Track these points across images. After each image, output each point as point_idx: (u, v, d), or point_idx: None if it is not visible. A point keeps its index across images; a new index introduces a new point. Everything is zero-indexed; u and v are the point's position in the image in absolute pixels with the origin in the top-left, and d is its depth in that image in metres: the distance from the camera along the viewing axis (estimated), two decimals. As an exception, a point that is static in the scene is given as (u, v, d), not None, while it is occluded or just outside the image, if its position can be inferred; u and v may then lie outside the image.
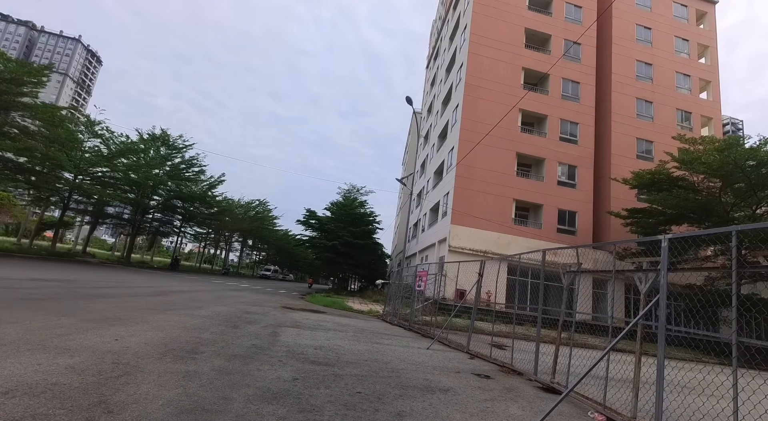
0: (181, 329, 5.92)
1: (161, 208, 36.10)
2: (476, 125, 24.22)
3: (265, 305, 12.85)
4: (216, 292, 15.97)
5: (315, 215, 35.46)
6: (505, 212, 23.58)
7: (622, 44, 27.59)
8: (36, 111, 17.83)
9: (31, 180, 19.70)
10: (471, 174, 23.67)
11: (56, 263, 20.32)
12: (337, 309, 16.77)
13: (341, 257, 32.46)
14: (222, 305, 10.87)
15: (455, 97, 27.11)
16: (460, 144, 23.96)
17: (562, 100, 26.05)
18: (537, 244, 22.71)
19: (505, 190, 23.88)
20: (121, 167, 25.57)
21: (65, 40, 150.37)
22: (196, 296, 12.41)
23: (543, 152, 24.97)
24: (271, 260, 77.78)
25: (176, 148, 34.42)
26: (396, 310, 13.65)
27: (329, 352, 5.67)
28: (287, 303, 15.71)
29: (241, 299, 14.34)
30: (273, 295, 20.17)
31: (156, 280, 18.38)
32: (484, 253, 22.40)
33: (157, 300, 9.63)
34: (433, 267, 15.39)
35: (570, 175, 25.13)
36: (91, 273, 16.50)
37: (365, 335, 8.45)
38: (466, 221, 22.93)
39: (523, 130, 25.37)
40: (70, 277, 12.93)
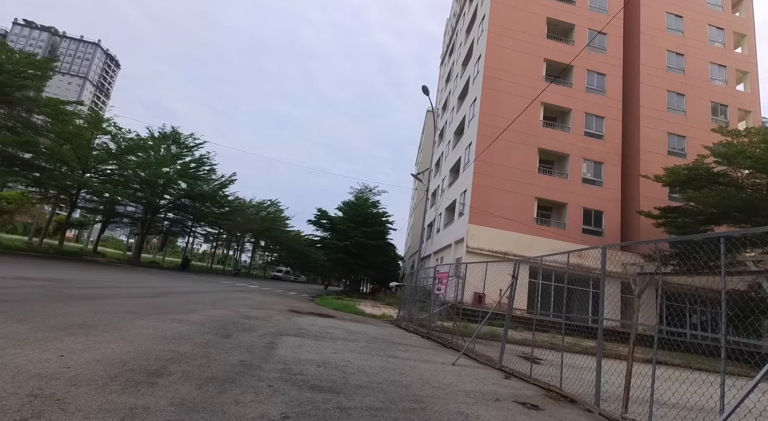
0: (158, 339, 4.91)
1: (172, 207, 35.70)
2: (495, 120, 22.92)
3: (269, 308, 11.86)
4: (220, 293, 15.09)
5: (326, 214, 34.56)
6: (527, 211, 22.20)
7: (652, 34, 25.94)
8: (39, 104, 17.34)
9: (35, 176, 19.27)
10: (490, 171, 22.39)
11: (61, 261, 19.79)
12: (347, 313, 15.71)
13: (353, 258, 31.44)
14: (221, 307, 9.90)
15: (472, 91, 25.86)
16: (479, 139, 22.70)
17: (587, 93, 24.55)
18: (561, 245, 21.27)
19: (527, 188, 22.51)
20: (131, 165, 25.07)
21: (85, 44, 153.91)
22: (196, 298, 11.49)
23: (567, 148, 23.52)
24: (283, 261, 77.35)
25: (187, 147, 33.98)
26: (411, 315, 12.51)
27: (335, 371, 4.57)
28: (295, 306, 14.71)
29: (246, 301, 13.39)
30: (281, 297, 19.24)
31: (160, 280, 17.62)
32: (504, 254, 21.08)
33: (148, 302, 8.70)
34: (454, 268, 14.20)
35: (596, 173, 23.60)
36: (92, 272, 15.81)
37: (378, 345, 7.34)
38: (484, 220, 21.65)
39: (545, 124, 23.97)
40: (65, 276, 12.17)
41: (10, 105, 16.77)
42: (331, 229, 34.82)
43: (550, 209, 24.05)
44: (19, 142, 16.40)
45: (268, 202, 53.52)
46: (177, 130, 32.92)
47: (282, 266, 71.79)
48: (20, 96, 16.73)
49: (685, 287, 20.53)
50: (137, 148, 24.88)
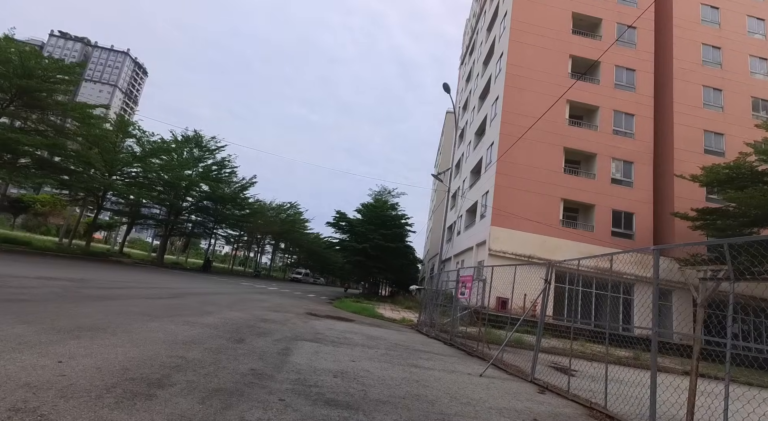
0: (167, 343, 4.64)
1: (194, 209, 36.29)
2: (518, 118, 22.19)
3: (287, 311, 11.61)
4: (239, 295, 14.98)
5: (345, 216, 34.39)
6: (552, 212, 21.35)
7: (685, 26, 24.64)
8: (67, 108, 17.81)
9: (63, 179, 19.82)
10: (513, 171, 21.66)
11: (86, 262, 20.21)
12: (366, 317, 15.34)
13: (371, 260, 31.11)
14: (238, 310, 9.69)
15: (494, 90, 25.18)
16: (501, 139, 22.02)
17: (616, 90, 23.51)
18: (589, 248, 20.32)
19: (552, 189, 21.66)
20: (155, 167, 25.53)
21: (115, 53, 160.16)
22: (214, 299, 11.35)
23: (594, 147, 22.54)
24: (303, 264, 77.83)
25: (208, 150, 34.51)
26: (433, 320, 12.02)
27: (353, 383, 4.19)
28: (313, 309, 14.45)
29: (263, 303, 13.21)
30: (300, 299, 19.06)
31: (181, 281, 17.72)
32: (528, 257, 20.31)
33: (164, 303, 8.56)
34: (477, 272, 13.66)
35: (626, 173, 22.51)
36: (115, 273, 16.00)
37: (399, 352, 6.92)
38: (507, 222, 20.93)
39: (571, 123, 23.06)
40: (88, 276, 12.27)
41: (40, 109, 17.31)
42: (350, 231, 34.62)
43: (577, 211, 23.08)
44: (47, 145, 16.86)
45: (287, 205, 53.93)
46: (199, 133, 33.49)
47: (301, 269, 72.20)
48: (50, 100, 17.22)
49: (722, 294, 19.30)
50: (161, 150, 25.33)
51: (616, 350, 13.93)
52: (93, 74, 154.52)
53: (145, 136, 24.81)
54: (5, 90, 16.03)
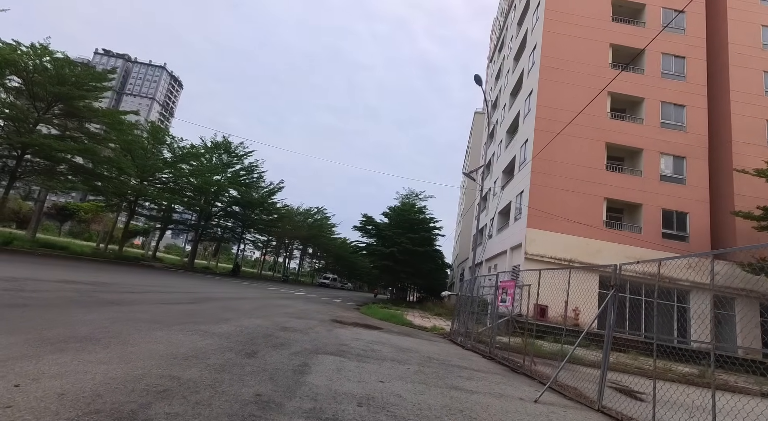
0: (164, 359, 3.97)
1: (223, 214, 36.73)
2: (555, 113, 20.81)
3: (311, 318, 10.92)
4: (262, 300, 14.48)
5: (372, 220, 33.71)
6: (594, 213, 19.76)
7: (741, 8, 22.46)
8: (98, 114, 18.20)
9: (95, 184, 20.26)
10: (550, 169, 20.26)
11: (118, 266, 20.47)
12: (395, 324, 14.46)
13: (399, 265, 30.22)
14: (258, 316, 9.07)
15: (527, 84, 23.86)
16: (536, 135, 20.69)
17: (663, 80, 21.66)
18: (637, 252, 18.64)
19: (593, 188, 20.08)
20: (185, 172, 25.83)
21: (153, 68, 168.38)
22: (235, 305, 10.82)
23: (640, 142, 20.78)
24: (330, 269, 77.88)
25: (237, 155, 34.87)
26: (468, 329, 10.99)
27: (382, 414, 3.34)
28: (339, 315, 13.73)
29: (287, 308, 12.60)
30: (326, 304, 18.42)
31: (207, 285, 17.50)
32: (569, 262, 18.81)
33: (180, 309, 8.04)
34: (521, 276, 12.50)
35: (677, 169, 20.59)
36: (142, 277, 15.92)
37: (435, 369, 6.00)
38: (545, 224, 19.53)
39: (613, 116, 21.39)
40: (112, 280, 12.09)
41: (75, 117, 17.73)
42: (377, 235, 33.91)
43: (621, 211, 21.32)
44: (80, 150, 17.23)
45: (315, 210, 53.97)
46: (227, 139, 33.90)
47: (329, 274, 72.19)
48: (82, 106, 17.62)
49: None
50: (190, 156, 25.62)
51: (674, 364, 12.35)
52: (133, 88, 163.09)
53: (175, 141, 25.18)
54: (41, 98, 16.53)
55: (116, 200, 24.51)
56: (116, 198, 23.86)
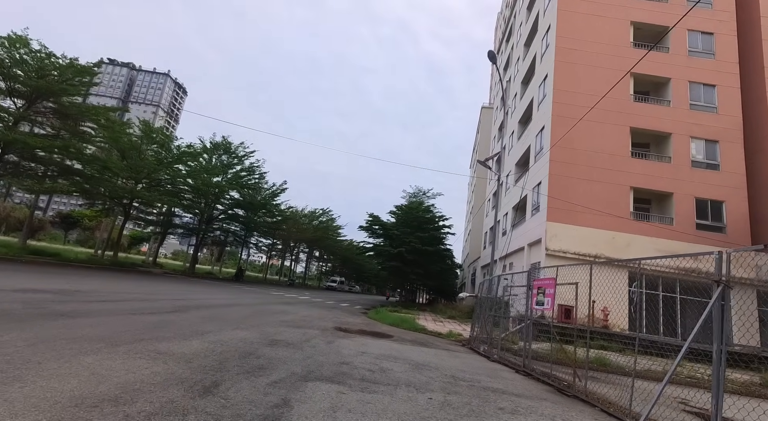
0: (63, 405, 2.58)
1: (225, 217, 35.58)
2: (573, 97, 19.27)
3: (311, 326, 9.51)
4: (259, 306, 13.11)
5: (379, 219, 32.27)
6: (621, 203, 18.13)
7: (773, -22, 20.71)
8: (82, 109, 17.01)
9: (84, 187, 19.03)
10: (570, 157, 18.68)
11: (111, 273, 19.30)
12: (406, 330, 13.00)
13: (408, 266, 28.73)
14: (246, 327, 7.69)
15: (541, 69, 22.31)
16: (554, 121, 19.14)
17: (690, 58, 19.99)
18: (669, 245, 17.02)
19: (618, 176, 18.46)
20: (181, 173, 24.65)
21: (157, 75, 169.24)
22: (223, 313, 9.45)
23: (667, 125, 19.12)
24: (337, 272, 76.60)
25: (237, 156, 33.72)
26: (491, 335, 9.50)
27: None
28: (344, 321, 12.31)
29: (285, 315, 11.21)
30: (330, 310, 17.01)
31: (201, 291, 16.21)
32: (595, 257, 17.25)
33: (149, 321, 6.68)
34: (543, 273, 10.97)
35: (709, 154, 18.89)
36: (127, 283, 14.66)
37: (465, 398, 4.53)
38: (566, 217, 17.96)
39: (636, 98, 19.76)
40: (90, 288, 10.81)
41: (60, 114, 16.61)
42: (384, 235, 32.47)
43: (649, 202, 19.66)
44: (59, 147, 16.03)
45: (320, 211, 52.67)
46: (227, 138, 32.78)
47: (336, 277, 70.92)
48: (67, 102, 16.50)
49: None
50: (186, 155, 24.42)
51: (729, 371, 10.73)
52: (138, 96, 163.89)
53: (169, 140, 24.01)
54: (21, 93, 15.43)
55: (109, 204, 23.45)
56: (108, 201, 22.78)
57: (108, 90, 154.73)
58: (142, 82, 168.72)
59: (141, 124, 22.86)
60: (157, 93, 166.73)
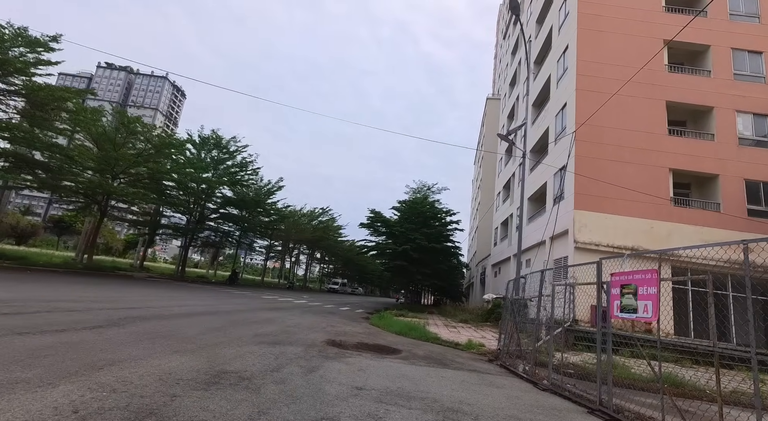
0: None
1: (217, 217, 33.33)
2: (599, 69, 16.95)
3: (293, 342, 7.21)
4: (238, 314, 10.80)
5: (381, 216, 29.96)
6: (659, 188, 15.76)
7: (821, -68, 18.33)
8: (33, 89, 14.70)
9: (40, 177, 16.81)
10: (598, 137, 16.34)
11: (77, 277, 17.08)
12: (416, 340, 10.68)
13: (414, 265, 26.38)
14: (193, 349, 5.38)
15: (560, 41, 19.97)
16: (578, 96, 16.80)
17: (731, 23, 17.63)
18: (716, 234, 14.71)
19: (655, 157, 16.10)
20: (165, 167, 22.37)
21: (155, 78, 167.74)
22: (176, 327, 7.15)
23: (709, 98, 16.76)
24: (339, 273, 74.34)
25: (228, 152, 31.53)
26: (536, 350, 7.14)
27: None
28: (340, 332, 9.99)
29: (267, 326, 8.90)
30: (327, 316, 14.69)
31: (172, 297, 13.93)
32: (631, 249, 14.89)
33: (31, 345, 4.38)
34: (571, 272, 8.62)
35: (758, 129, 16.51)
36: (86, 289, 12.41)
37: None
38: (596, 204, 15.61)
39: (671, 69, 17.40)
40: (18, 296, 8.56)
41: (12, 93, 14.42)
42: (387, 233, 30.14)
43: (688, 185, 17.29)
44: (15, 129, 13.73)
45: (319, 210, 50.32)
46: (217, 132, 30.60)
47: (338, 279, 68.66)
48: (19, 83, 14.30)
49: None
50: (166, 146, 22.15)
51: None
52: (136, 100, 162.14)
53: (148, 129, 21.74)
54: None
55: (83, 201, 21.26)
56: (79, 198, 20.59)
57: (106, 94, 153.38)
58: (140, 85, 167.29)
59: (115, 112, 20.62)
60: (156, 96, 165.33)
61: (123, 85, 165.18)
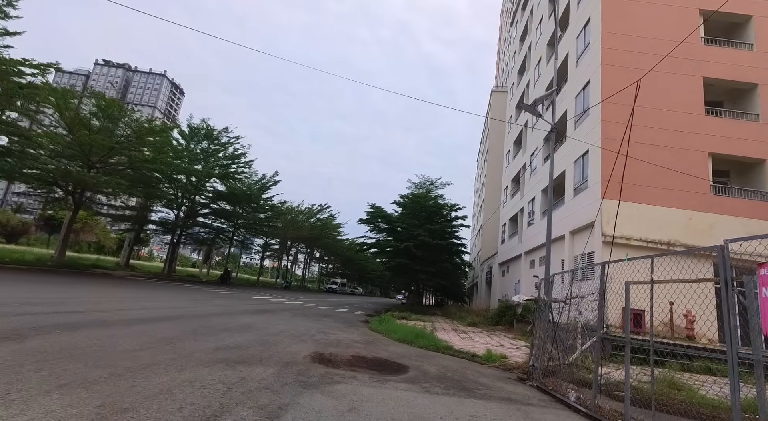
0: None
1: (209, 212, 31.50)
2: (627, 41, 15.11)
3: (265, 359, 5.37)
4: (210, 318, 8.96)
5: (381, 211, 28.08)
6: (696, 174, 13.90)
7: None
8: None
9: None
10: (626, 117, 14.41)
11: (46, 275, 15.29)
12: (424, 349, 8.86)
13: (417, 263, 24.52)
14: (92, 381, 3.54)
15: (579, 15, 18.12)
16: (604, 72, 14.95)
17: (774, -9, 15.77)
18: (764, 225, 12.82)
19: (692, 140, 14.26)
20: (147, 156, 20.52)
21: (153, 76, 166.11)
22: (116, 338, 5.30)
23: (751, 74, 14.92)
24: (339, 273, 72.48)
25: (220, 143, 29.73)
26: (597, 372, 5.30)
27: None
28: (332, 341, 8.15)
29: (237, 335, 7.07)
30: (320, 319, 12.85)
31: (147, 298, 12.10)
32: (667, 244, 13.07)
33: None
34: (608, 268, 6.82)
35: (808, 109, 14.65)
36: (47, 289, 10.60)
37: None
38: (626, 193, 13.68)
39: (707, 42, 15.55)
40: None
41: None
42: (388, 229, 28.30)
43: (727, 173, 15.45)
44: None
45: (317, 208, 48.39)
46: (207, 121, 28.82)
47: (337, 278, 66.78)
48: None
49: None
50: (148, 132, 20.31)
51: None
52: (134, 98, 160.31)
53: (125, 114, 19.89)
54: None
55: (49, 191, 19.47)
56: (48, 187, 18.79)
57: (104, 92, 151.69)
58: (138, 83, 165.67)
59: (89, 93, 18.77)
60: (154, 94, 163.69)
61: (121, 83, 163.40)
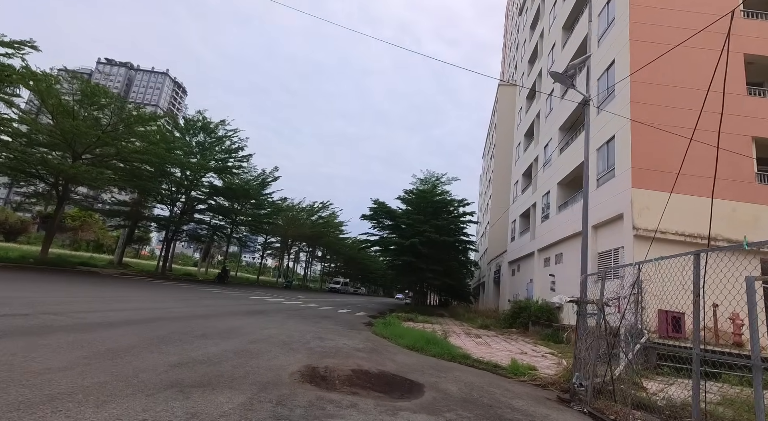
0: None
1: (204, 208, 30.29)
2: (658, 15, 13.70)
3: (231, 382, 4.03)
4: (189, 322, 7.64)
5: (385, 206, 26.73)
6: (738, 161, 12.48)
7: None
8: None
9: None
10: (657, 98, 13.09)
11: (25, 273, 14.09)
12: (437, 358, 7.53)
13: (423, 261, 23.15)
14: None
15: (601, -8, 16.71)
16: (633, 48, 13.54)
17: (820, -41, 14.30)
18: (817, 219, 11.37)
19: (732, 123, 12.79)
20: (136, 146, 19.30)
21: (156, 74, 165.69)
22: (50, 349, 3.97)
23: (797, 51, 13.46)
24: (341, 272, 71.23)
25: (217, 137, 28.52)
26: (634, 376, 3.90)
27: None
28: (329, 349, 6.81)
29: (214, 345, 5.74)
30: (319, 321, 11.53)
31: (127, 298, 10.83)
32: (713, 239, 11.65)
33: None
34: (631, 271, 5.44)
35: None
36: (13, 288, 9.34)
37: None
38: (659, 181, 12.39)
39: (746, 14, 14.11)
40: None
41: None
42: (393, 226, 26.97)
43: (766, 161, 13.98)
44: None
45: (319, 205, 47.05)
46: (203, 113, 27.62)
47: (339, 278, 65.55)
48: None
49: None
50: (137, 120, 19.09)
51: None
52: (136, 97, 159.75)
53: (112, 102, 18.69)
54: None
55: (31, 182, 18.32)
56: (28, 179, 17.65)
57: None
58: (141, 82, 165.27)
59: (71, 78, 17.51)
60: (156, 92, 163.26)
61: (123, 81, 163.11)
